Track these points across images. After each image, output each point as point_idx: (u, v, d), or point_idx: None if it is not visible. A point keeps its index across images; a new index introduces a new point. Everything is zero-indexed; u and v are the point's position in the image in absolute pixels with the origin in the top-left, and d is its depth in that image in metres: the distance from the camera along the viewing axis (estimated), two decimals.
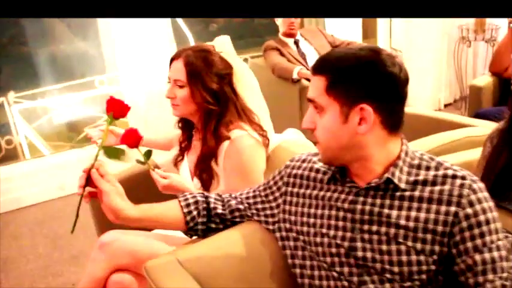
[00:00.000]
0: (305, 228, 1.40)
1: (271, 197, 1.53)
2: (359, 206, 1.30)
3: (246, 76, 2.04)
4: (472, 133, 2.21)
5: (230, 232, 1.53)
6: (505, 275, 1.19)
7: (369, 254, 1.28)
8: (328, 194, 1.38)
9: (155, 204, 1.55)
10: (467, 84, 4.30)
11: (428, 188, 1.25)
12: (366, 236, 1.29)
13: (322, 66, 1.27)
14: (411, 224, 1.24)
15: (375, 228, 1.28)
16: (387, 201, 1.28)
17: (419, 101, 4.78)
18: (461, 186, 1.22)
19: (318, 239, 1.36)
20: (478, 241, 1.19)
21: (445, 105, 5.11)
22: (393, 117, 1.27)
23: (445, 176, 1.25)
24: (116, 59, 3.70)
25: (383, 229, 1.27)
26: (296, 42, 3.94)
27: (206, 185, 1.88)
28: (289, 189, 1.48)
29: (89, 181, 1.41)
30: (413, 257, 1.23)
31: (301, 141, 2.18)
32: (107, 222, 1.48)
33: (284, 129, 2.21)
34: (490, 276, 1.19)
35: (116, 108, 1.48)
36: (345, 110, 1.23)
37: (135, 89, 3.69)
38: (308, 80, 3.56)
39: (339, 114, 1.24)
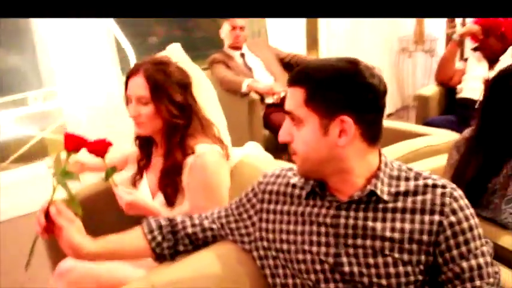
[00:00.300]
0: (285, 246, 1.35)
1: (245, 215, 1.47)
2: (342, 220, 1.27)
3: (204, 85, 1.99)
4: (431, 142, 2.25)
5: (204, 253, 1.45)
6: (491, 280, 1.20)
7: (355, 269, 1.24)
8: (308, 209, 1.33)
9: (116, 235, 1.47)
10: (410, 94, 4.40)
11: (410, 199, 1.24)
12: (351, 251, 1.25)
13: (299, 78, 1.24)
14: (397, 235, 1.22)
15: (359, 242, 1.25)
16: (370, 214, 1.25)
17: None
18: (443, 195, 1.22)
19: (300, 256, 1.31)
20: (463, 248, 1.19)
21: (388, 115, 5.20)
22: (373, 129, 1.25)
23: (425, 186, 1.24)
24: (54, 73, 3.55)
25: (368, 242, 1.24)
26: (242, 55, 3.90)
27: (171, 200, 1.78)
28: (265, 206, 1.42)
29: (45, 217, 1.37)
30: (401, 268, 1.21)
31: (262, 156, 2.14)
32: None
33: (234, 143, 2.15)
34: (478, 283, 1.18)
35: (73, 143, 1.42)
36: (325, 122, 1.20)
37: (75, 105, 3.54)
38: (257, 92, 3.52)
39: (318, 126, 1.21)
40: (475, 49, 3.45)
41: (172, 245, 1.47)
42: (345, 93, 1.19)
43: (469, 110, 3.21)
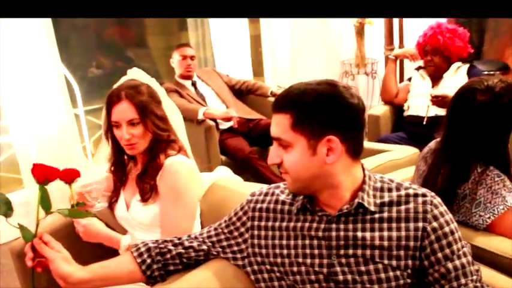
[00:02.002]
0: (279, 260, 1.41)
1: (236, 233, 1.52)
2: (333, 233, 1.35)
3: (169, 104, 2.08)
4: (393, 157, 2.37)
5: (199, 271, 1.49)
6: (474, 277, 1.31)
7: (349, 277, 1.32)
8: (299, 224, 1.40)
9: (106, 261, 1.51)
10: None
11: (394, 208, 1.33)
12: (343, 260, 1.33)
13: (284, 104, 1.31)
14: (385, 243, 1.30)
15: (351, 251, 1.33)
16: (359, 225, 1.33)
17: None
18: (424, 203, 1.32)
19: (295, 269, 1.38)
20: (447, 250, 1.29)
21: None
22: (356, 145, 1.33)
23: (407, 196, 1.34)
24: (1, 107, 3.50)
25: (359, 251, 1.32)
26: (194, 84, 3.94)
27: (145, 196, 1.86)
28: (256, 223, 1.48)
29: (35, 250, 1.39)
30: (391, 273, 1.30)
31: (233, 178, 2.19)
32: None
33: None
34: (463, 281, 1.29)
35: (42, 174, 1.42)
36: (312, 143, 1.28)
37: (26, 138, 3.48)
38: (213, 120, 3.58)
39: (306, 148, 1.28)
40: (418, 68, 3.64)
41: (161, 266, 1.50)
42: (330, 115, 1.27)
43: (417, 126, 3.39)
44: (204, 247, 1.52)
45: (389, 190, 1.36)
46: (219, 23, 4.66)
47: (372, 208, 1.32)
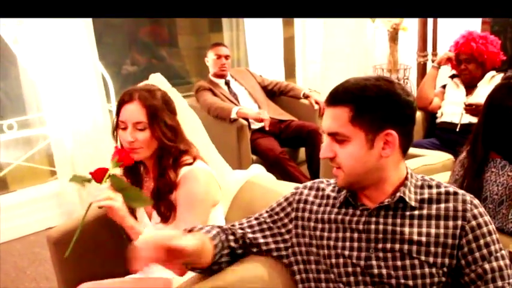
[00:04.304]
0: (320, 251, 1.44)
1: (280, 223, 1.54)
2: (373, 226, 1.37)
3: (187, 112, 2.08)
4: (427, 162, 2.39)
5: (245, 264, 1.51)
6: (511, 281, 1.30)
7: (384, 271, 1.34)
8: (340, 217, 1.43)
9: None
10: None
11: (434, 206, 1.35)
12: (381, 254, 1.36)
13: (344, 97, 1.32)
14: (423, 239, 1.32)
15: (389, 245, 1.35)
16: (398, 220, 1.36)
17: None
18: (464, 202, 1.34)
19: (334, 261, 1.41)
20: (484, 251, 1.30)
21: None
22: (408, 140, 1.37)
23: (447, 194, 1.36)
24: (39, 100, 3.59)
25: (397, 246, 1.34)
26: (227, 83, 3.99)
27: (165, 216, 1.80)
28: (299, 214, 1.51)
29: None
30: (427, 270, 1.31)
31: (267, 176, 2.23)
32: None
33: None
34: (500, 283, 1.29)
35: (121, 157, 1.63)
36: (371, 137, 1.31)
37: (61, 131, 3.57)
38: (245, 119, 3.61)
39: (364, 142, 1.31)
40: (452, 76, 3.62)
41: (229, 252, 1.49)
42: (390, 110, 1.31)
43: (450, 133, 3.38)
44: (248, 237, 1.52)
45: (430, 187, 1.39)
46: (254, 25, 4.69)
47: (413, 203, 1.35)
